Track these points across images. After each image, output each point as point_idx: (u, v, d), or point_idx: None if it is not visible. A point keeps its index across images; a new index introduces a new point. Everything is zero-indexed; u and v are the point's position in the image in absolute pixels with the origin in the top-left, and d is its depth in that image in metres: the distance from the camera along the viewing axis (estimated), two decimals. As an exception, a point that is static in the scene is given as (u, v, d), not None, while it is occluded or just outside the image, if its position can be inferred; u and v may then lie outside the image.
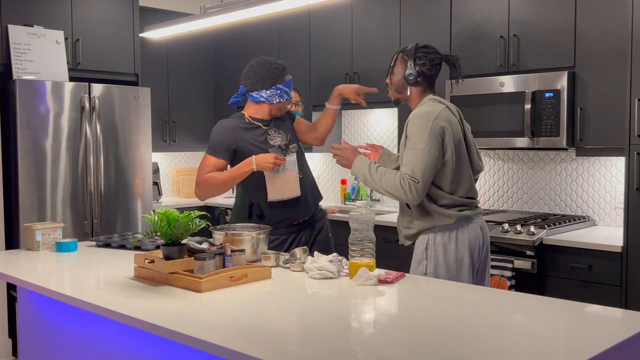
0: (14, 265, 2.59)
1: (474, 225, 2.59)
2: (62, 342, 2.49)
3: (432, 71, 2.65)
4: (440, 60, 2.67)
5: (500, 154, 4.15)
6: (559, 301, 1.94)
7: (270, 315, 1.81)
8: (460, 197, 2.54)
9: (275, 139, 2.96)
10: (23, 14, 4.31)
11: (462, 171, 2.55)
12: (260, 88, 2.91)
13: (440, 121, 2.48)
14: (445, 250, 2.52)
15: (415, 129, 2.48)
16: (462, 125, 2.61)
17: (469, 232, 2.57)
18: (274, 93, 2.91)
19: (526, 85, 3.55)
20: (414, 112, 2.57)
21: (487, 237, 2.66)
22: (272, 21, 5.01)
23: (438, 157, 2.46)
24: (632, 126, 3.01)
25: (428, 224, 2.54)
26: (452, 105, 2.64)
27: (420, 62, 2.62)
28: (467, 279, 2.54)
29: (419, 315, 1.81)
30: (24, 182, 4.08)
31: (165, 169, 5.84)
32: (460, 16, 3.93)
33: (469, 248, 2.56)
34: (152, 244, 2.82)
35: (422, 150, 2.44)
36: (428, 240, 2.55)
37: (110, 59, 4.73)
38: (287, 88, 2.96)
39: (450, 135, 2.49)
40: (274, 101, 2.92)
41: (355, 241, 2.25)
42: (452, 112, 2.59)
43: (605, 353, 1.47)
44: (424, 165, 2.43)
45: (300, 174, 2.97)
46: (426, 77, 2.64)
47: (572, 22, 3.45)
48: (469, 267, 2.55)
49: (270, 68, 2.91)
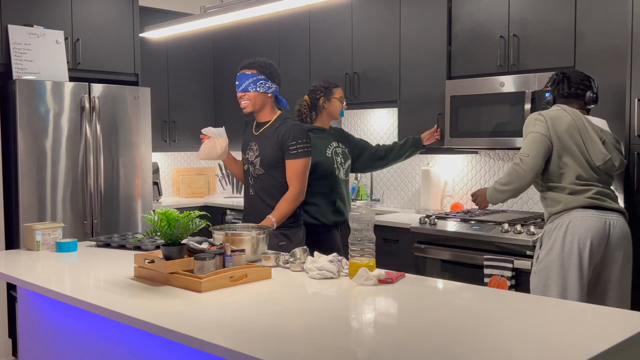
0: (14, 265, 2.59)
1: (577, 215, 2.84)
2: (62, 342, 2.49)
3: None
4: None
5: (500, 154, 4.15)
6: (559, 301, 1.94)
7: (270, 315, 1.81)
8: None
9: (249, 152, 3.09)
10: (23, 14, 4.31)
11: (571, 161, 2.85)
12: None
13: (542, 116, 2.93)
14: (555, 238, 2.82)
15: (526, 122, 2.94)
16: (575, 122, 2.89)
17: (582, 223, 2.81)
18: None
19: (526, 85, 3.55)
20: None
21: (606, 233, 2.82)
22: (272, 21, 5.01)
23: (548, 138, 2.86)
24: (632, 126, 3.01)
25: (550, 209, 2.91)
26: (567, 108, 2.93)
27: None
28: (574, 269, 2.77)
29: (419, 315, 1.81)
30: (24, 182, 4.08)
31: (165, 169, 5.84)
32: (460, 16, 3.93)
33: (579, 240, 2.78)
34: (152, 244, 2.82)
35: (532, 133, 2.86)
36: (546, 229, 2.90)
37: (110, 59, 4.73)
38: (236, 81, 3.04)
39: (551, 126, 2.89)
40: None
41: (355, 241, 2.25)
42: (567, 112, 2.89)
43: (605, 353, 1.47)
44: (533, 144, 2.84)
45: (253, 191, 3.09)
46: None
47: (572, 22, 3.45)
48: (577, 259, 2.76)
49: None
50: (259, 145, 3.03)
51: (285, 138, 2.94)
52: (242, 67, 3.03)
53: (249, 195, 3.11)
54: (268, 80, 3.00)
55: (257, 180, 3.05)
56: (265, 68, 3.01)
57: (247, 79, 2.97)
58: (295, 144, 2.94)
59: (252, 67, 2.99)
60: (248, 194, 3.13)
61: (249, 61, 3.03)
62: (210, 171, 5.96)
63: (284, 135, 2.95)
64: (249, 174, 3.10)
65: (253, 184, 3.08)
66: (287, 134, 2.95)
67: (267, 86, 3.00)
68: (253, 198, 3.09)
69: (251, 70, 2.99)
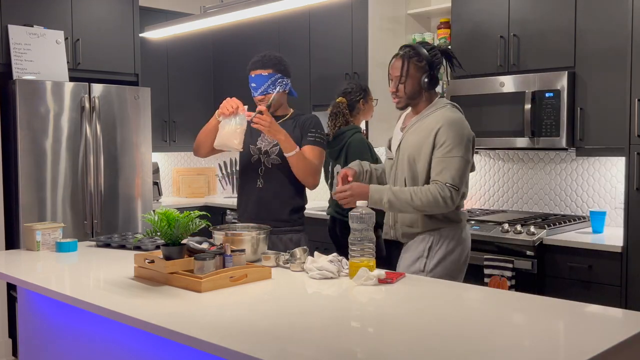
0: (14, 265, 2.59)
1: (468, 226, 2.66)
2: (62, 342, 2.49)
3: (440, 69, 2.63)
4: (442, 56, 2.64)
5: (500, 154, 4.15)
6: (559, 301, 1.94)
7: (270, 315, 1.81)
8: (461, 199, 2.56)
9: (263, 142, 2.96)
10: (23, 14, 4.31)
11: None
12: None
13: (470, 130, 2.54)
14: (449, 250, 2.54)
15: (452, 136, 2.46)
16: None
17: (467, 233, 2.63)
18: None
19: (526, 85, 3.55)
20: (446, 119, 2.49)
21: None
22: (272, 21, 5.00)
23: (471, 166, 2.52)
24: (632, 126, 3.01)
25: (435, 225, 2.55)
26: None
27: (436, 65, 2.58)
28: (462, 278, 2.57)
29: (419, 315, 1.80)
30: (24, 182, 4.08)
31: (165, 169, 5.84)
32: (460, 16, 3.93)
33: (468, 249, 2.62)
34: (152, 244, 2.82)
35: (460, 158, 2.44)
36: (433, 239, 2.55)
37: (110, 59, 4.73)
38: (252, 83, 2.93)
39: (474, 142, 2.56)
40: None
41: (355, 241, 2.25)
42: None
43: (605, 353, 1.47)
44: (463, 173, 2.45)
45: None
46: (437, 78, 2.63)
47: (572, 22, 3.45)
48: (465, 267, 2.60)
49: None
50: None
51: (307, 124, 2.90)
52: (255, 67, 2.92)
53: (256, 188, 2.95)
54: (284, 77, 2.92)
55: (270, 170, 2.92)
56: (279, 64, 2.91)
57: (265, 80, 2.87)
58: (314, 131, 2.89)
59: (267, 67, 2.88)
60: (253, 187, 2.97)
61: (260, 60, 2.91)
62: (210, 171, 5.96)
63: (305, 122, 2.91)
64: (259, 165, 2.95)
65: (264, 175, 2.93)
66: (309, 121, 2.92)
67: (285, 83, 2.92)
68: (262, 191, 2.94)
69: (267, 71, 2.88)
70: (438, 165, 2.46)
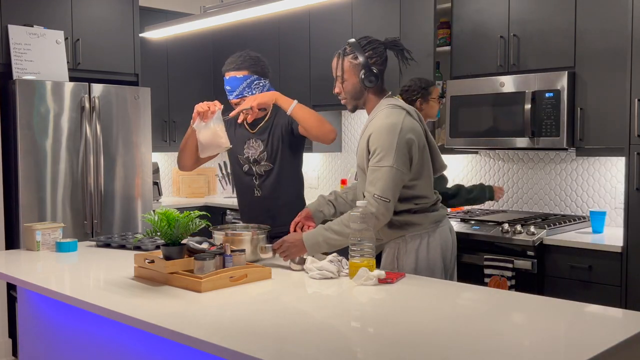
0: (14, 265, 2.59)
1: (444, 229, 2.51)
2: (62, 342, 2.49)
3: (383, 65, 2.44)
4: (385, 50, 2.45)
5: (500, 154, 4.15)
6: (559, 301, 1.94)
7: (270, 315, 1.81)
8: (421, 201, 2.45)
9: (249, 150, 2.89)
10: (23, 14, 4.31)
11: (422, 176, 2.43)
12: None
13: (406, 133, 2.33)
14: (417, 257, 2.45)
15: (382, 144, 2.31)
16: (423, 127, 2.47)
17: (439, 236, 2.49)
18: None
19: (526, 85, 3.55)
20: (377, 125, 2.36)
21: (455, 239, 2.60)
22: (272, 21, 5.01)
23: (406, 173, 2.35)
24: (632, 126, 3.01)
25: (397, 233, 2.46)
26: (410, 108, 2.46)
27: (373, 61, 2.40)
28: (442, 274, 2.50)
29: (419, 315, 1.80)
30: (24, 182, 4.08)
31: (165, 169, 5.84)
32: (460, 16, 3.93)
33: (441, 253, 2.48)
34: (152, 244, 2.82)
35: (390, 167, 2.29)
36: (399, 248, 2.47)
37: (110, 59, 4.73)
38: (226, 85, 2.83)
39: (416, 146, 2.37)
40: None
41: (355, 241, 2.25)
42: (413, 117, 2.43)
43: (605, 353, 1.47)
44: (394, 184, 2.30)
45: None
46: (381, 74, 2.44)
47: (572, 22, 3.45)
48: (441, 273, 2.49)
49: None
50: (261, 140, 2.87)
51: (290, 118, 2.77)
52: (229, 69, 2.81)
53: (254, 197, 2.91)
54: (261, 78, 2.84)
55: (263, 178, 2.87)
56: (255, 65, 2.81)
57: (240, 82, 2.78)
58: None
59: (242, 68, 2.79)
60: (251, 197, 2.92)
61: (234, 61, 2.81)
62: (210, 171, 5.96)
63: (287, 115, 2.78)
64: (252, 175, 2.90)
65: (259, 184, 2.89)
66: None
67: (262, 85, 2.83)
68: (261, 200, 2.90)
69: (242, 72, 2.79)
70: (369, 175, 2.32)
